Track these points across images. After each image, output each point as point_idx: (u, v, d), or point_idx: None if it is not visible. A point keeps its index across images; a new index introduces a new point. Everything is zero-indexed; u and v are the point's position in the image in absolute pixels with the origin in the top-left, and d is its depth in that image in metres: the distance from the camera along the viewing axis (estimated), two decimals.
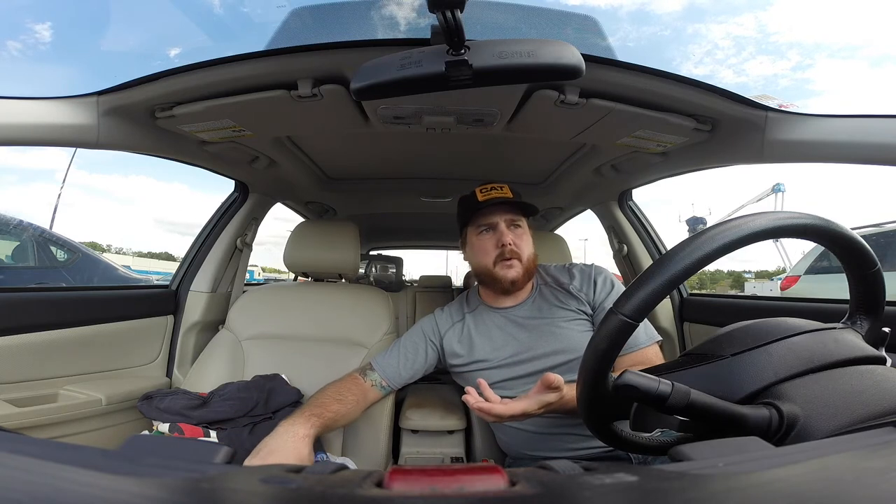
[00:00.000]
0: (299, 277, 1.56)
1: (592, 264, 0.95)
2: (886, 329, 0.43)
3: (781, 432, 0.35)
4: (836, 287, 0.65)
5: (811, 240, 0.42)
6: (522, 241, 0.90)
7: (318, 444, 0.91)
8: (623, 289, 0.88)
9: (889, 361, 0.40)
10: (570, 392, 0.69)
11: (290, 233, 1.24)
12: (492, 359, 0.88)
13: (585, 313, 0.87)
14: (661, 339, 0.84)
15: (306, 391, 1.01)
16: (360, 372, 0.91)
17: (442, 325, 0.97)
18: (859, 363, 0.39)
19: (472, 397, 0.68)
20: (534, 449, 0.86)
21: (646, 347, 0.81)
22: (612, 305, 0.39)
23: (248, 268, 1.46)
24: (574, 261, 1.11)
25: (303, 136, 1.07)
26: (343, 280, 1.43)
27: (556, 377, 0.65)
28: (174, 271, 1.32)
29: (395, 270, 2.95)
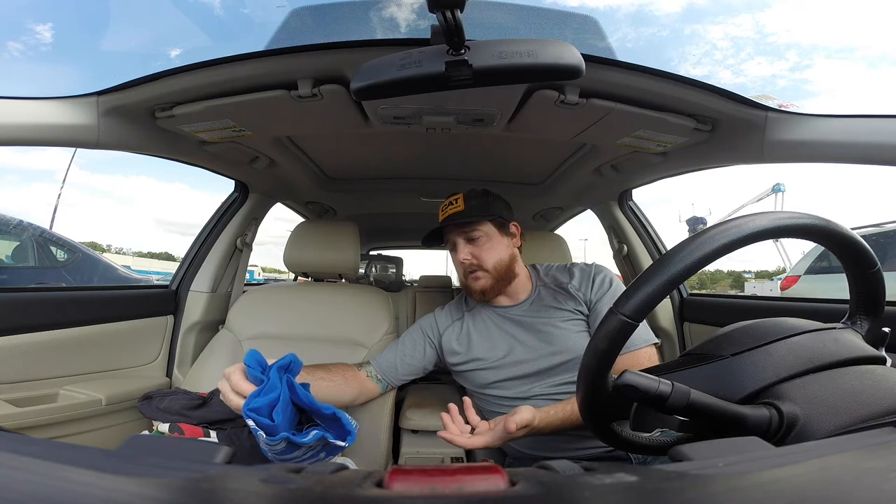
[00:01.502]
0: (299, 277, 1.56)
1: (593, 263, 0.95)
2: (886, 329, 0.43)
3: (781, 432, 0.35)
4: (836, 287, 0.64)
5: (811, 240, 0.42)
6: (483, 250, 0.88)
7: None
8: (621, 288, 0.88)
9: (889, 361, 0.40)
10: (574, 407, 0.70)
11: (290, 233, 1.24)
12: (489, 357, 0.88)
13: (582, 313, 0.87)
14: (657, 341, 0.83)
15: None
16: (358, 365, 0.93)
17: (441, 324, 0.98)
18: (859, 363, 0.39)
19: (447, 432, 0.68)
20: (534, 449, 0.86)
21: (638, 350, 0.79)
22: (612, 305, 0.39)
23: (248, 268, 1.46)
24: (574, 261, 1.11)
25: (303, 136, 1.07)
26: (343, 280, 1.43)
27: (515, 424, 0.65)
28: (174, 271, 1.32)
29: (395, 270, 2.95)
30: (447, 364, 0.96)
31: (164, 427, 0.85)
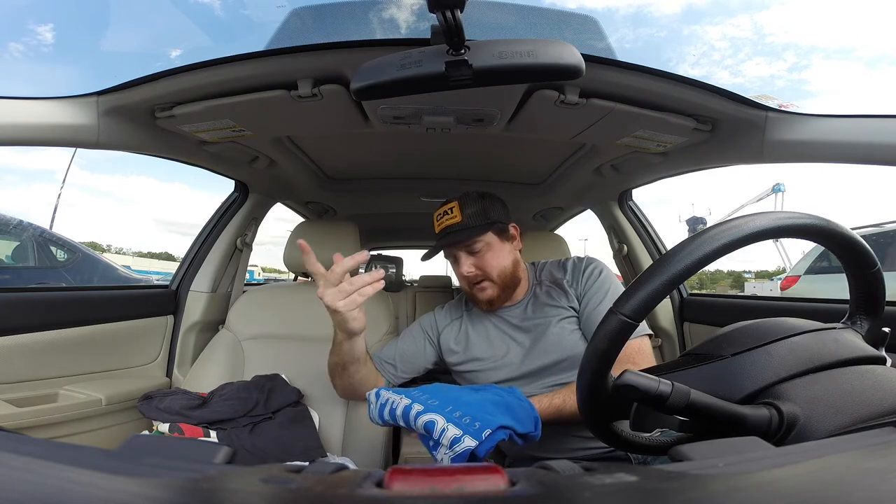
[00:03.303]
0: (299, 277, 1.56)
1: (586, 256, 0.95)
2: (886, 329, 0.43)
3: (781, 432, 0.35)
4: (836, 287, 0.65)
5: (811, 240, 0.42)
6: (486, 260, 0.86)
7: (318, 444, 0.91)
8: (610, 277, 0.88)
9: (889, 361, 0.40)
10: (569, 398, 0.70)
11: (290, 233, 1.24)
12: (487, 357, 0.88)
13: (574, 309, 0.87)
14: (650, 332, 0.82)
15: (306, 391, 1.01)
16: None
17: (440, 322, 0.97)
18: (859, 363, 0.39)
19: None
20: (534, 449, 0.86)
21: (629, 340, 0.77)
22: (612, 305, 0.39)
23: (248, 268, 1.46)
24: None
25: (303, 136, 1.07)
26: None
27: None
28: (174, 271, 1.32)
29: (394, 270, 2.95)
30: (447, 363, 0.96)
31: (164, 427, 0.85)
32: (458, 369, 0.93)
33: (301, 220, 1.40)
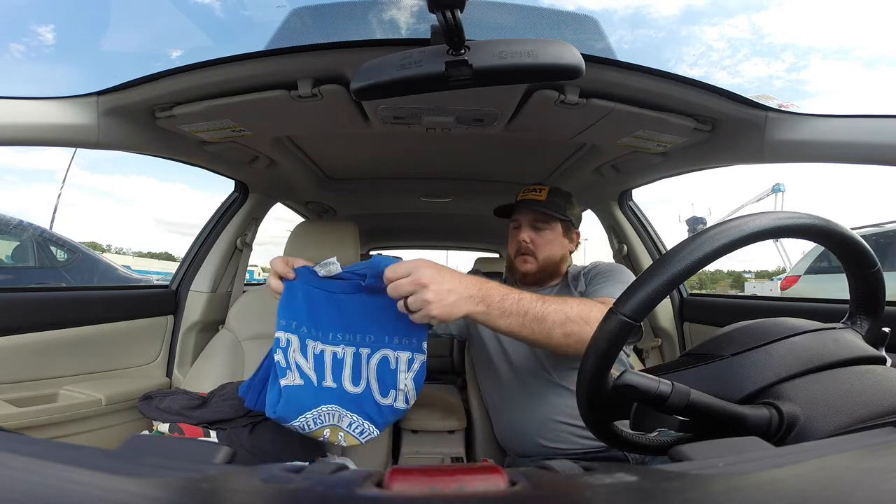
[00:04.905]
0: None
1: (616, 264, 0.99)
2: (886, 329, 0.43)
3: (781, 432, 0.35)
4: (836, 287, 0.65)
5: (811, 240, 0.42)
6: (542, 241, 0.94)
7: (319, 444, 0.90)
8: (619, 271, 0.90)
9: (889, 361, 0.40)
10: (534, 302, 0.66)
11: (290, 233, 1.24)
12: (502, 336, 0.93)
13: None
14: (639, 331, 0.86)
15: None
16: None
17: None
18: (859, 363, 0.39)
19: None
20: (533, 444, 0.86)
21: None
22: (612, 305, 0.39)
23: (248, 268, 1.46)
24: (575, 262, 1.12)
25: (303, 136, 1.07)
26: None
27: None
28: (174, 271, 1.32)
29: None
30: (469, 333, 1.01)
31: (164, 427, 0.84)
32: (477, 337, 0.98)
33: (301, 220, 1.40)
